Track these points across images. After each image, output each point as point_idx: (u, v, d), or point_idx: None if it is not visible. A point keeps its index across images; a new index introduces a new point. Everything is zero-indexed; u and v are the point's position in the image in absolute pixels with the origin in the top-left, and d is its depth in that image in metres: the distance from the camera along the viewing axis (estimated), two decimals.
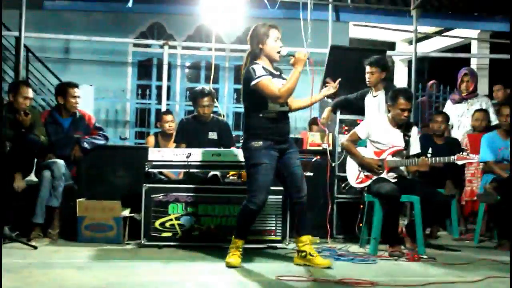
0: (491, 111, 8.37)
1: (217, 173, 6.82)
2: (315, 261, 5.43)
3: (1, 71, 6.13)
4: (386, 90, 6.85)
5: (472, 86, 8.65)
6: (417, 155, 6.50)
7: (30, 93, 6.83)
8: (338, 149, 7.32)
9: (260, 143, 5.37)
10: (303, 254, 5.49)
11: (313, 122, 9.34)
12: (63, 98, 7.19)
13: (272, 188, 5.87)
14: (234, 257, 5.37)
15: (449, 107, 8.78)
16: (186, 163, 6.45)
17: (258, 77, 5.30)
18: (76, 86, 7.31)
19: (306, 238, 5.53)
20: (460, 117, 8.58)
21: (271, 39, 5.46)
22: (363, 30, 13.78)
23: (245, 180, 6.93)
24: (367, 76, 7.29)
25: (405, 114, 6.41)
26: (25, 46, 9.37)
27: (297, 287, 4.67)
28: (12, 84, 7.15)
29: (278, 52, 5.42)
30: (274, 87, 5.29)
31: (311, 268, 5.33)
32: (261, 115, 5.42)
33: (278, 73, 5.58)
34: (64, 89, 7.25)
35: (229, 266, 5.30)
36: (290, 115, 5.68)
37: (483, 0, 12.88)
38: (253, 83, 5.32)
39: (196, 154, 6.49)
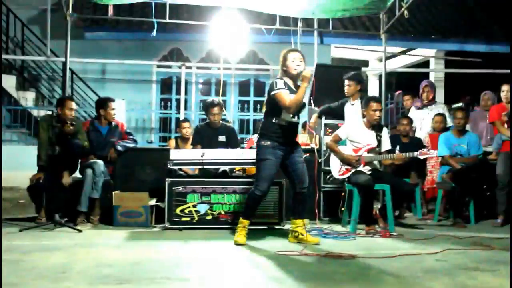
0: (447, 115, 8.35)
1: (226, 168, 6.81)
2: (306, 239, 5.46)
3: (1, 74, 6.09)
4: (362, 100, 6.84)
5: (431, 95, 8.62)
6: (388, 152, 6.49)
7: (74, 105, 6.83)
8: (324, 148, 7.30)
9: (268, 142, 5.43)
10: (296, 234, 5.52)
11: (303, 126, 9.36)
12: (103, 110, 7.21)
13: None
14: (240, 236, 5.38)
15: (413, 112, 8.77)
16: (200, 161, 6.44)
17: (278, 89, 5.37)
18: (113, 100, 7.33)
19: (300, 221, 5.56)
20: (422, 120, 8.55)
21: (289, 61, 5.49)
22: (343, 50, 13.77)
23: (248, 174, 6.96)
24: (345, 88, 7.29)
25: (377, 114, 6.41)
26: (70, 69, 9.35)
27: (293, 259, 4.67)
28: (59, 99, 7.14)
29: (295, 70, 5.42)
30: (287, 99, 5.32)
31: (303, 244, 5.33)
32: (274, 121, 5.46)
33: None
34: (104, 103, 7.26)
35: (237, 244, 5.31)
36: None
37: (438, 25, 12.92)
38: (272, 93, 5.40)
39: (209, 154, 6.48)
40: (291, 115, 5.46)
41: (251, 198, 5.49)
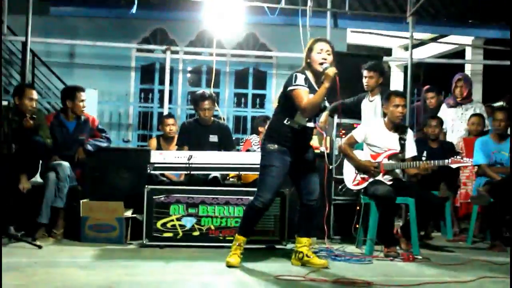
0: (485, 116, 8.36)
1: (217, 175, 6.82)
2: (312, 261, 5.46)
3: (0, 72, 6.12)
4: (382, 95, 6.85)
5: (466, 92, 8.62)
6: (413, 158, 6.50)
7: (35, 95, 6.84)
8: (336, 152, 7.31)
9: (276, 146, 5.40)
10: (300, 255, 5.52)
11: None
12: (70, 101, 7.21)
13: None
14: (234, 256, 5.37)
15: (444, 111, 8.77)
16: (187, 165, 6.45)
17: (297, 85, 5.30)
18: (83, 90, 7.34)
19: (305, 241, 5.56)
20: (454, 121, 8.57)
21: (315, 52, 5.43)
22: (361, 36, 13.80)
23: (244, 182, 6.97)
24: (365, 80, 7.31)
25: (399, 110, 6.41)
26: (31, 50, 9.35)
27: (296, 286, 4.67)
28: (17, 87, 7.15)
29: (321, 64, 5.35)
30: (305, 98, 5.25)
31: (309, 268, 5.33)
32: (285, 122, 5.42)
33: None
34: (72, 93, 7.26)
35: (229, 266, 5.31)
36: None
37: (476, 8, 12.91)
38: (289, 88, 5.34)
39: (197, 157, 6.49)
40: (308, 119, 5.45)
41: (251, 210, 5.48)
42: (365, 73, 7.33)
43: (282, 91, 5.51)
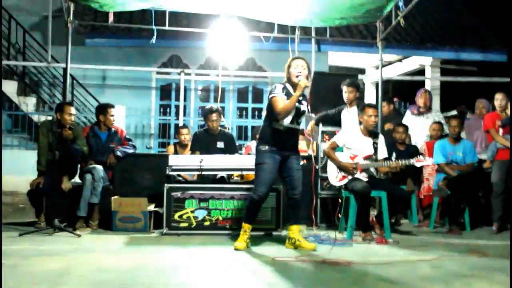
0: (443, 122, 8.36)
1: (224, 175, 6.80)
2: (303, 245, 5.45)
3: (1, 78, 6.08)
4: (358, 107, 6.84)
5: (429, 102, 8.64)
6: (385, 159, 6.48)
7: (73, 110, 6.83)
8: (321, 155, 7.29)
9: (266, 147, 5.46)
10: (293, 240, 5.51)
11: (300, 133, 9.35)
12: (103, 116, 7.20)
13: None
14: (241, 241, 5.40)
15: (408, 117, 8.77)
16: (199, 167, 6.43)
17: (274, 93, 5.40)
18: (113, 106, 7.32)
19: (295, 227, 5.57)
20: (417, 127, 8.56)
21: (292, 68, 5.50)
22: (340, 58, 13.78)
23: (246, 180, 6.95)
24: (345, 95, 7.31)
25: (373, 119, 6.39)
26: (71, 75, 9.34)
27: (289, 266, 4.65)
28: (58, 104, 7.14)
29: (297, 76, 5.40)
30: (280, 105, 5.34)
31: (300, 251, 5.31)
32: (272, 126, 5.48)
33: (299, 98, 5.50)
34: (104, 109, 7.26)
35: (236, 249, 5.32)
36: None
37: (434, 34, 12.94)
38: (269, 96, 5.47)
39: (207, 160, 6.47)
40: (290, 121, 5.44)
41: (250, 202, 5.54)
42: (344, 88, 7.33)
43: (268, 100, 5.56)
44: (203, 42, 10.68)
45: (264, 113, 5.82)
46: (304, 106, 5.53)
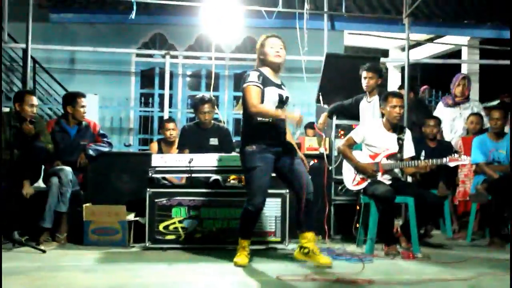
0: (483, 115, 8.37)
1: (219, 177, 6.82)
2: (317, 259, 5.43)
3: (0, 78, 6.11)
4: (380, 96, 6.86)
5: (468, 91, 8.64)
6: (411, 158, 6.51)
7: (35, 101, 6.84)
8: (335, 153, 7.32)
9: (254, 147, 5.41)
10: (306, 250, 5.48)
11: (309, 126, 9.40)
12: (71, 107, 7.21)
13: (272, 191, 5.93)
14: (241, 256, 5.43)
15: (440, 110, 8.77)
16: (188, 168, 6.46)
17: (248, 82, 5.40)
18: (84, 96, 7.34)
19: (310, 235, 5.52)
20: (453, 121, 8.57)
21: (267, 47, 5.53)
22: (358, 38, 13.78)
23: (245, 184, 6.96)
24: (364, 81, 7.32)
25: (397, 110, 6.42)
26: (32, 57, 9.36)
27: (297, 286, 4.67)
28: (18, 93, 7.14)
29: (274, 57, 5.48)
30: (254, 98, 5.33)
31: (310, 267, 5.33)
32: (255, 119, 5.45)
33: (278, 82, 5.60)
34: (72, 99, 7.27)
35: (237, 265, 5.36)
36: None
37: (471, 9, 12.93)
38: (242, 86, 5.46)
39: (198, 160, 6.50)
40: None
41: (245, 215, 5.52)
42: (364, 74, 7.34)
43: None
44: (192, 18, 10.66)
45: (236, 110, 5.81)
46: (286, 92, 5.60)
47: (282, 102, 5.52)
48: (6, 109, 7.25)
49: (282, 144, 5.56)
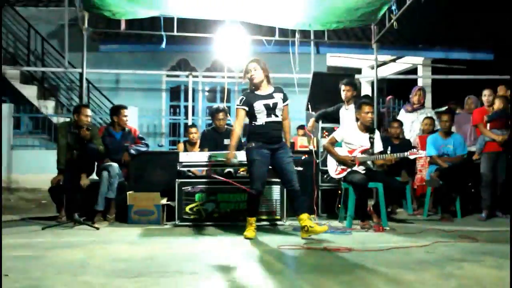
0: (435, 118, 8.34)
1: (231, 169, 6.80)
2: (315, 229, 5.36)
3: (1, 77, 6.10)
4: (355, 104, 6.83)
5: (423, 99, 8.60)
6: (380, 152, 6.49)
7: (89, 112, 6.84)
8: (321, 150, 7.29)
9: (253, 144, 5.49)
10: (305, 228, 5.41)
11: (300, 127, 9.44)
12: (117, 117, 7.21)
13: (274, 179, 5.93)
14: (249, 231, 5.45)
15: (402, 115, 8.75)
16: (207, 163, 6.45)
17: (237, 105, 5.62)
18: (125, 107, 7.32)
19: (303, 216, 5.45)
20: (412, 123, 8.54)
21: (246, 73, 5.63)
22: (337, 59, 13.78)
23: None
24: (343, 93, 7.30)
25: (369, 116, 6.40)
26: (86, 79, 9.35)
27: (294, 253, 4.66)
28: (76, 107, 7.14)
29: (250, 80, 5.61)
30: (238, 119, 5.57)
31: (304, 239, 5.32)
32: (253, 123, 5.55)
33: (267, 92, 5.59)
34: (117, 110, 7.26)
35: (246, 238, 5.36)
36: None
37: (425, 35, 12.91)
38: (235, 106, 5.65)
39: (215, 156, 6.48)
40: (266, 116, 5.48)
41: (249, 197, 5.57)
42: (343, 87, 7.31)
43: None
44: (209, 46, 10.66)
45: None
46: (276, 99, 5.53)
47: (270, 109, 5.51)
48: (68, 119, 7.25)
49: (277, 143, 5.55)
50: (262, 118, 5.50)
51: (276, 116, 5.56)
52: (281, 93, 5.62)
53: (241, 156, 6.01)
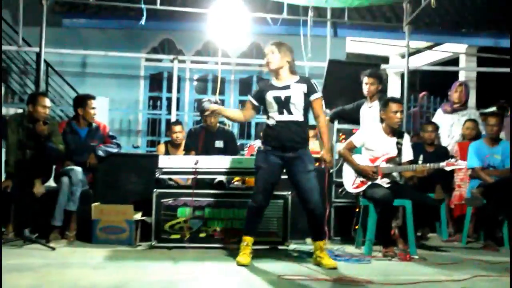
0: (479, 121, 8.35)
1: (223, 179, 6.82)
2: (323, 262, 5.43)
3: (0, 78, 6.10)
4: (380, 101, 6.85)
5: (465, 97, 8.60)
6: (410, 162, 6.50)
7: (47, 102, 6.83)
8: (336, 156, 7.31)
9: (262, 147, 5.60)
10: (315, 257, 5.53)
11: (310, 127, 9.43)
12: (82, 109, 7.21)
13: (275, 193, 5.92)
14: (244, 256, 5.44)
15: (439, 116, 8.75)
16: (194, 169, 6.45)
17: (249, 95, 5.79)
18: (94, 98, 7.32)
19: (316, 244, 5.56)
20: (451, 127, 8.55)
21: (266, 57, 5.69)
22: (359, 45, 13.79)
23: (248, 186, 6.97)
24: (365, 87, 7.31)
25: (398, 116, 6.41)
26: (45, 61, 9.38)
27: (297, 285, 4.66)
28: (31, 95, 7.16)
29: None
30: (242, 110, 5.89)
31: (311, 267, 5.33)
32: (265, 122, 5.66)
33: (283, 84, 5.60)
34: (83, 101, 7.26)
35: (239, 264, 5.37)
36: None
37: (470, 18, 12.91)
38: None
39: (204, 161, 6.50)
40: (278, 113, 5.51)
41: (248, 210, 5.65)
42: (365, 79, 7.33)
43: None
44: (200, 24, 10.68)
45: None
46: (291, 91, 5.53)
47: (281, 104, 5.52)
48: (20, 110, 7.26)
49: (293, 150, 5.53)
50: (273, 116, 5.56)
51: (291, 113, 5.53)
52: (304, 84, 5.60)
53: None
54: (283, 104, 5.51)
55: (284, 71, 5.63)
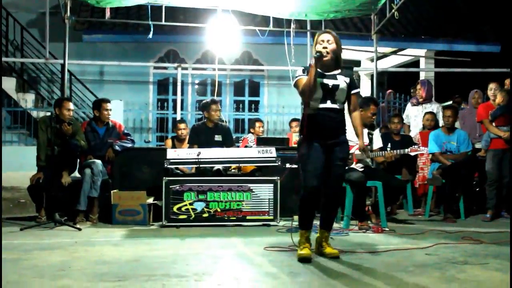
0: (441, 113, 8.36)
1: (220, 167, 6.79)
2: (325, 251, 4.72)
3: (1, 76, 6.08)
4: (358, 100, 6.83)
5: (424, 93, 8.64)
6: (380, 149, 6.50)
7: (71, 106, 6.82)
8: None
9: (302, 137, 4.68)
10: (318, 246, 4.80)
11: (293, 120, 9.48)
12: (98, 111, 7.20)
13: (266, 178, 5.90)
14: (304, 250, 4.55)
15: (408, 109, 8.86)
16: (197, 160, 6.44)
17: (296, 77, 4.68)
18: (108, 101, 7.31)
19: (321, 232, 4.79)
20: (416, 117, 8.61)
21: (317, 44, 4.69)
22: None
23: (243, 172, 6.95)
24: None
25: (373, 117, 6.45)
26: (68, 71, 9.34)
27: (285, 255, 4.63)
28: (57, 100, 7.13)
29: (316, 53, 4.61)
30: (300, 87, 4.64)
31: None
32: (305, 112, 4.66)
33: (331, 73, 4.69)
34: (98, 104, 7.26)
35: (301, 257, 4.46)
36: (275, 118, 5.56)
37: (428, 26, 12.92)
38: (292, 83, 4.82)
39: (205, 153, 6.49)
40: (320, 100, 4.59)
41: (300, 202, 4.68)
42: None
43: None
44: (199, 36, 10.66)
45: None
46: (338, 81, 4.65)
47: (329, 92, 4.60)
48: (48, 113, 7.23)
49: (333, 138, 4.66)
50: (316, 103, 4.60)
51: (334, 102, 4.63)
52: (348, 77, 4.75)
53: None
54: (329, 92, 4.60)
55: (333, 61, 4.72)
